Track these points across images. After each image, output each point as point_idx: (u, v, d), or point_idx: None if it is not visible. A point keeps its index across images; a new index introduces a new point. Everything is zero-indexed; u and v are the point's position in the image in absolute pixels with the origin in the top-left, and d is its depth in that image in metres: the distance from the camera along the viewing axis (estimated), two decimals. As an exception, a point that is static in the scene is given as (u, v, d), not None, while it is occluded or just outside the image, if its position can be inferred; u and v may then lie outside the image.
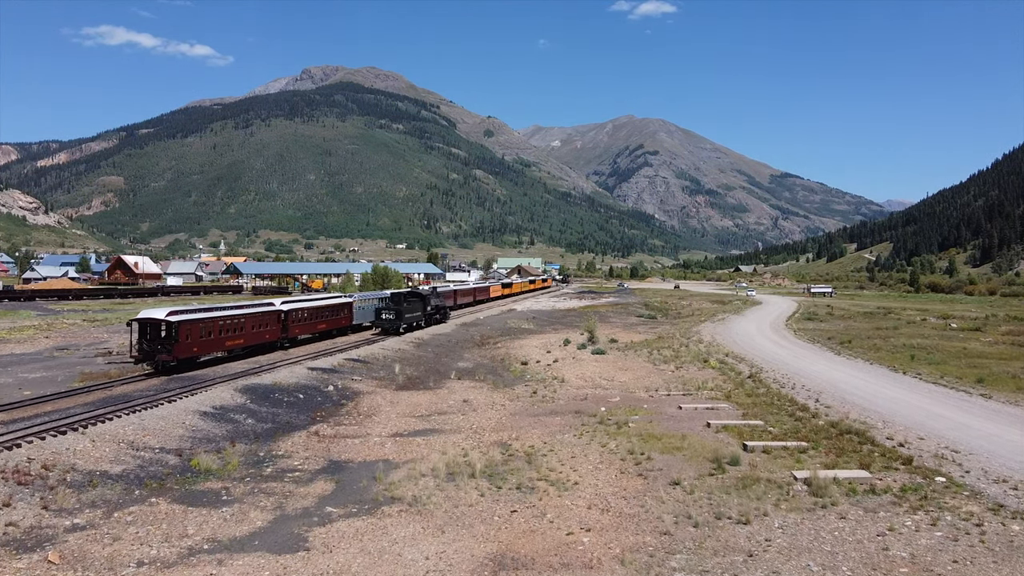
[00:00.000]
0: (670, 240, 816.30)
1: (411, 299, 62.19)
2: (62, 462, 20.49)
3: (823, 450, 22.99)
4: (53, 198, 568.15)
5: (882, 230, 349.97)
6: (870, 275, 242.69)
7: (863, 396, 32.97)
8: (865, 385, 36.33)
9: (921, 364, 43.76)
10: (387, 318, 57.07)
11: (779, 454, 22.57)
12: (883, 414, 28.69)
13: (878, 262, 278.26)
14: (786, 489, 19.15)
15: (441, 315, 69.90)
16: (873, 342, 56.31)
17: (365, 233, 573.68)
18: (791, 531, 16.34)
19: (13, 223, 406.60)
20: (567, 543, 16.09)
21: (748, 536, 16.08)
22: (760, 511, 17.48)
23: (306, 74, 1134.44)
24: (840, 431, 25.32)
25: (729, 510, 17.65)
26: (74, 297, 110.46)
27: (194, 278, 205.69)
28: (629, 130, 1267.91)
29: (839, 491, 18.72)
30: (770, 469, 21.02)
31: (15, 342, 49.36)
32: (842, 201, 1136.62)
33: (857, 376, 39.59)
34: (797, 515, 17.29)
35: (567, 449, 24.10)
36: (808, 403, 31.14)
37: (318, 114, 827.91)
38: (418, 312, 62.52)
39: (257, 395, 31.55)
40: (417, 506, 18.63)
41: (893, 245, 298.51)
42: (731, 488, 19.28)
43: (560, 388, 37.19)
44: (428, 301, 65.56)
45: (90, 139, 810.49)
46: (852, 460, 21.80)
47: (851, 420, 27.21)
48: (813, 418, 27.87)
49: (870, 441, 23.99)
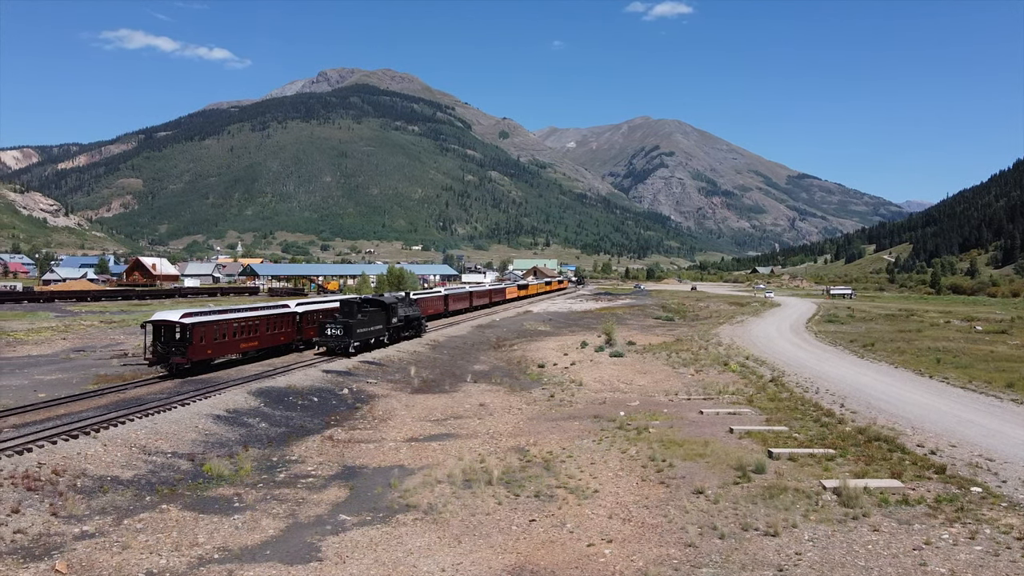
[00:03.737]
0: (686, 241, 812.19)
1: (367, 309, 48.51)
2: (73, 467, 20.15)
3: (851, 458, 22.24)
4: (73, 200, 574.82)
5: (901, 231, 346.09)
6: (890, 277, 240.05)
7: (890, 401, 32.12)
8: (891, 389, 35.45)
9: (947, 368, 42.74)
10: (333, 334, 43.89)
11: (806, 462, 21.85)
12: (912, 420, 27.86)
13: (898, 263, 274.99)
14: (815, 499, 18.44)
15: (414, 329, 56.13)
16: (896, 345, 55.25)
17: (381, 235, 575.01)
18: (822, 544, 15.65)
19: (34, 225, 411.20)
20: (588, 555, 15.51)
21: (777, 549, 15.42)
22: (789, 522, 16.79)
23: (322, 76, 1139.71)
24: (868, 438, 24.54)
25: (756, 521, 16.99)
26: (92, 298, 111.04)
27: (211, 279, 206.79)
28: (645, 131, 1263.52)
29: (870, 501, 18.00)
30: (797, 477, 20.31)
31: (32, 343, 49.40)
32: (860, 202, 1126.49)
33: (882, 380, 38.69)
34: (828, 527, 16.59)
35: (586, 455, 23.51)
36: (833, 408, 30.35)
37: (334, 116, 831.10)
38: (378, 325, 49.07)
39: (271, 398, 31.19)
40: (433, 514, 18.12)
41: (913, 246, 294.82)
42: (757, 497, 18.61)
43: (578, 392, 36.59)
44: (394, 311, 51.73)
45: (109, 142, 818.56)
46: (882, 468, 21.04)
47: (879, 426, 26.39)
48: (839, 424, 27.09)
49: (900, 448, 23.20)
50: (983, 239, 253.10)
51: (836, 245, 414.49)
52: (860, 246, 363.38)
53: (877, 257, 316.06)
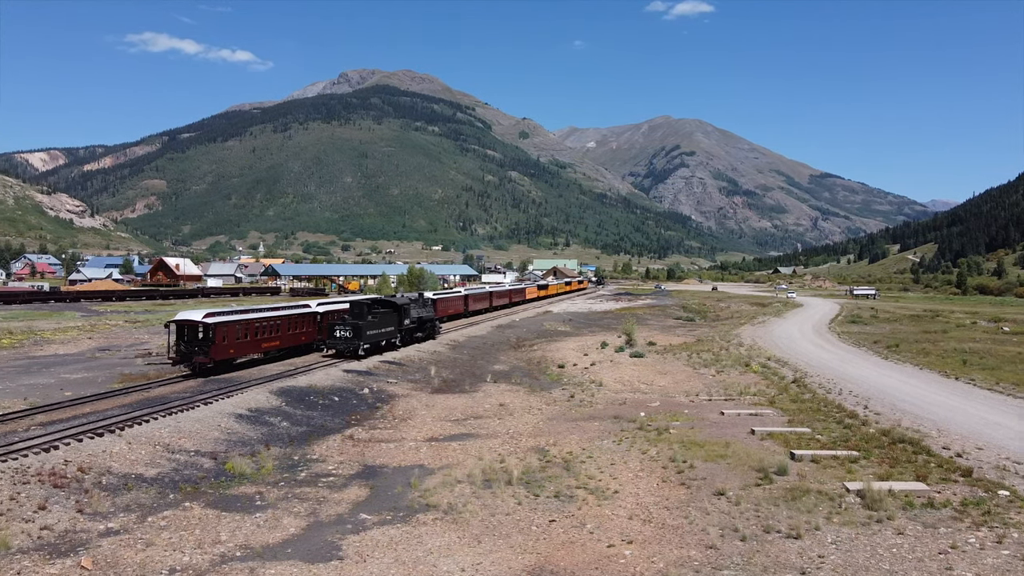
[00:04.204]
0: (707, 241, 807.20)
1: (378, 310, 47.05)
2: (98, 465, 20.41)
3: (875, 460, 21.98)
4: (98, 201, 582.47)
5: (926, 231, 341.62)
6: (914, 277, 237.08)
7: (915, 403, 31.70)
8: (916, 391, 34.99)
9: (974, 369, 42.11)
10: (342, 336, 42.99)
11: (829, 463, 21.63)
12: (937, 422, 27.47)
13: (922, 263, 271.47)
14: (838, 501, 18.25)
15: (427, 330, 54.56)
16: (921, 346, 54.52)
17: (401, 235, 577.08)
18: (846, 547, 15.48)
19: (61, 226, 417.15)
20: (608, 556, 15.45)
21: (799, 552, 15.27)
22: (811, 525, 16.63)
23: (343, 78, 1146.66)
24: (892, 440, 24.24)
25: (778, 523, 16.84)
26: (117, 298, 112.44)
27: (233, 280, 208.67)
28: (665, 131, 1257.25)
29: (895, 504, 17.78)
30: (820, 479, 20.10)
31: (59, 343, 50.10)
32: (884, 201, 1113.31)
33: (907, 381, 38.20)
34: (851, 530, 16.41)
35: (606, 456, 23.43)
36: (857, 410, 30.00)
37: (355, 117, 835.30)
38: (389, 327, 47.58)
39: (292, 397, 31.40)
40: (452, 514, 18.14)
41: (938, 246, 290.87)
42: (779, 499, 18.45)
43: (598, 392, 36.48)
44: (406, 312, 50.08)
45: (134, 143, 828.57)
46: (907, 471, 20.77)
47: (903, 428, 26.05)
48: (863, 426, 26.77)
49: (925, 451, 22.88)
50: (1010, 239, 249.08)
51: (859, 245, 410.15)
52: (884, 246, 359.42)
53: (901, 257, 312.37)
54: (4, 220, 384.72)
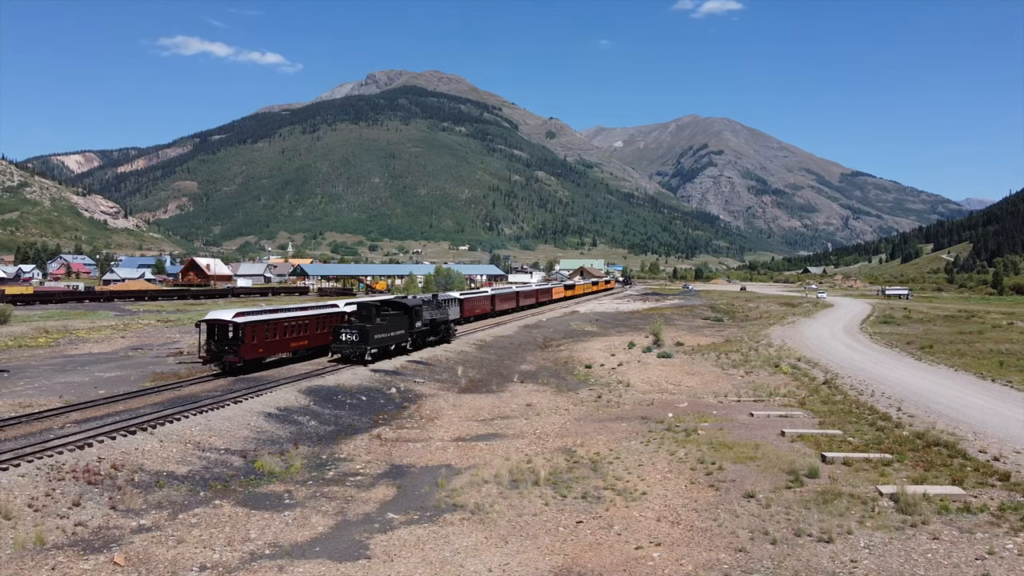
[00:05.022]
0: (735, 241, 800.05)
1: (387, 313, 44.54)
2: (131, 462, 20.71)
3: (909, 463, 21.57)
4: (132, 202, 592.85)
5: (961, 229, 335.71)
6: (948, 277, 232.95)
7: (950, 405, 31.08)
8: (951, 393, 34.31)
9: (1011, 371, 41.19)
10: (348, 340, 40.42)
11: (861, 466, 21.27)
12: (973, 425, 26.90)
13: (957, 263, 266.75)
14: (871, 505, 17.93)
15: (441, 333, 51.75)
16: (956, 347, 53.49)
17: (428, 235, 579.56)
18: (879, 552, 15.19)
19: (95, 227, 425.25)
20: (636, 558, 15.33)
21: (831, 556, 15.02)
22: (843, 528, 16.35)
23: (371, 79, 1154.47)
24: (927, 443, 23.77)
25: (809, 526, 16.59)
26: (149, 298, 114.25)
27: (262, 279, 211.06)
28: (693, 129, 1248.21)
29: (930, 508, 17.41)
30: (852, 483, 19.77)
31: (93, 342, 51.00)
32: (917, 200, 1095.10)
33: (941, 383, 37.48)
34: (884, 534, 16.10)
35: (634, 457, 23.27)
36: (890, 412, 29.48)
37: (382, 118, 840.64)
38: (399, 331, 44.69)
39: (320, 397, 31.62)
40: (480, 514, 18.12)
41: (973, 245, 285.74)
42: (810, 502, 18.17)
43: (625, 393, 36.27)
44: (417, 314, 47.22)
45: (166, 145, 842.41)
46: (942, 475, 20.35)
47: (938, 431, 25.54)
48: (896, 428, 26.30)
49: (961, 454, 22.41)
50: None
51: (892, 244, 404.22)
52: (917, 245, 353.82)
53: (935, 256, 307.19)
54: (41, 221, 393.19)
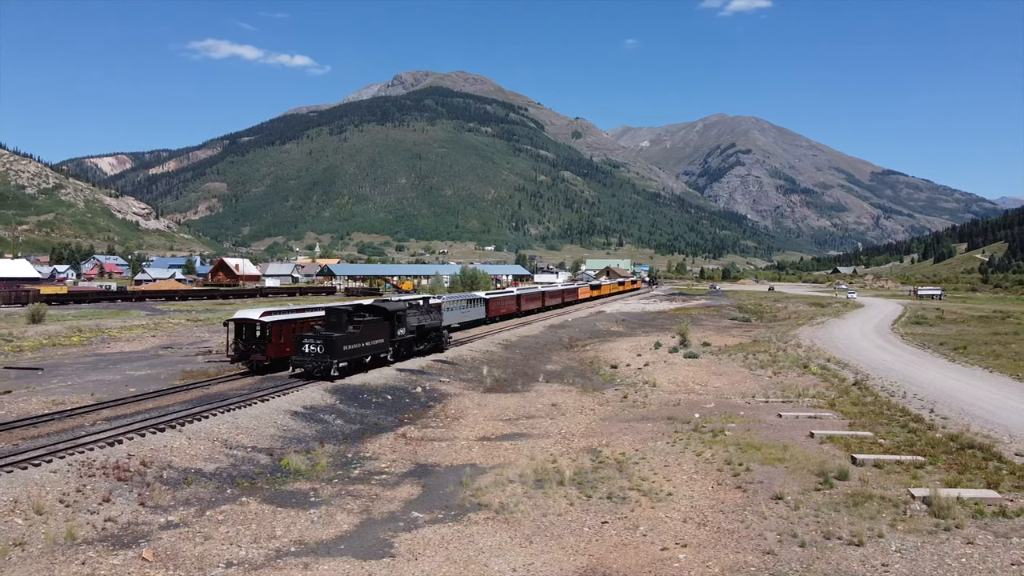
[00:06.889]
0: (763, 241, 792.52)
1: (362, 319, 37.99)
2: (159, 459, 20.95)
3: (942, 466, 21.12)
4: (163, 204, 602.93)
5: (996, 229, 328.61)
6: (983, 277, 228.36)
7: (984, 407, 30.42)
8: (986, 395, 33.58)
9: (1048, 373, 40.24)
10: (311, 351, 33.64)
11: (892, 469, 20.87)
12: (1009, 427, 26.29)
13: (991, 263, 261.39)
14: (902, 508, 17.57)
15: (432, 341, 45.62)
16: (991, 348, 52.39)
17: (454, 235, 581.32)
18: (911, 556, 14.88)
19: (127, 228, 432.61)
20: (662, 559, 15.17)
21: (862, 560, 14.74)
22: (874, 532, 16.04)
23: (397, 80, 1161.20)
24: (961, 445, 23.27)
25: (839, 529, 16.29)
26: (180, 298, 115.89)
27: (290, 279, 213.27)
28: (720, 129, 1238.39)
29: (964, 512, 17.02)
30: (883, 485, 19.40)
31: (125, 340, 51.81)
32: (950, 199, 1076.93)
33: (976, 385, 36.71)
34: (917, 538, 15.77)
35: (660, 457, 23.06)
36: (922, 414, 28.92)
37: (409, 119, 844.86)
38: (376, 340, 38.22)
39: (346, 395, 31.78)
40: (504, 514, 18.06)
41: (1008, 244, 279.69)
42: (840, 505, 17.86)
43: (651, 393, 35.99)
44: (400, 320, 40.78)
45: (196, 147, 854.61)
46: (977, 478, 19.90)
47: (972, 433, 25.00)
48: (929, 430, 25.78)
49: (996, 457, 21.91)
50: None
51: (924, 244, 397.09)
52: (950, 245, 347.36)
53: (969, 256, 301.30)
54: (75, 222, 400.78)
